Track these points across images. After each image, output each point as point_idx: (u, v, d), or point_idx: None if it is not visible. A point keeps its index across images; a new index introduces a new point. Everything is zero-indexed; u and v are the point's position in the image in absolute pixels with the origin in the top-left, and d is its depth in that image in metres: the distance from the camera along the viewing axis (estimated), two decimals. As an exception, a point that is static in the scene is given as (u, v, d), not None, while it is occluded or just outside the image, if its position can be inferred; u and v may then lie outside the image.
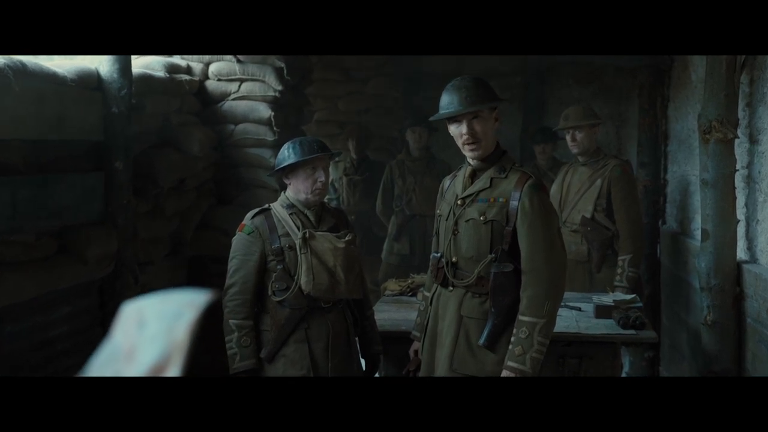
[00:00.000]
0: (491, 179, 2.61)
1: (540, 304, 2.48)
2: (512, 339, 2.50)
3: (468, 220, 2.62)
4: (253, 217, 2.87)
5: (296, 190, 2.88)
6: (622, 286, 4.20)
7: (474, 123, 2.56)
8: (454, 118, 2.59)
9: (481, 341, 2.56)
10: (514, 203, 2.54)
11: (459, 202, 2.66)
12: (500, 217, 2.56)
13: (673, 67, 5.01)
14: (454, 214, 2.67)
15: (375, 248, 6.09)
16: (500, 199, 2.57)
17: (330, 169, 2.97)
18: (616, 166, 4.41)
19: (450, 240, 2.67)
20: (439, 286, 2.74)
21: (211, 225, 4.31)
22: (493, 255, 2.57)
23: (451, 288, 2.67)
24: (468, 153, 2.63)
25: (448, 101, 2.60)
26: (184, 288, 0.74)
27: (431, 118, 2.73)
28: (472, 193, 2.63)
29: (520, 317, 2.50)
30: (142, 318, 0.72)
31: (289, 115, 4.68)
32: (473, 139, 2.57)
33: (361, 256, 5.95)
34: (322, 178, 2.85)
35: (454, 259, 2.66)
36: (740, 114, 3.34)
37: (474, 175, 2.67)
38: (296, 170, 2.85)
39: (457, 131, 2.60)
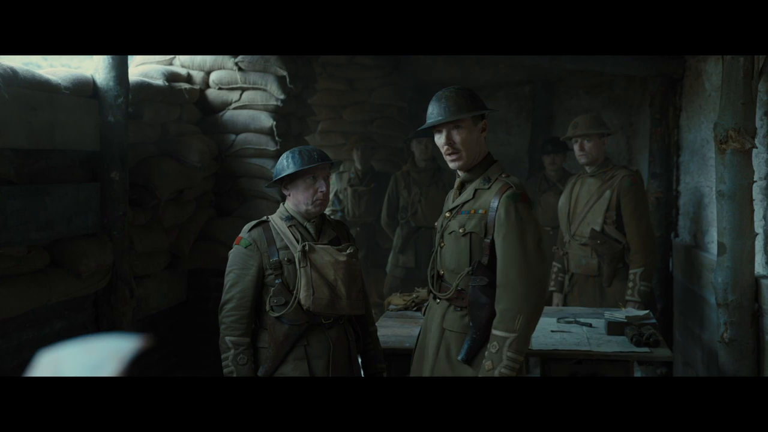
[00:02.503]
0: (475, 190, 2.57)
1: (511, 318, 2.41)
2: (486, 353, 2.44)
3: (451, 232, 2.59)
4: (250, 229, 2.77)
5: (296, 201, 2.77)
6: (634, 300, 4.10)
7: (453, 133, 2.53)
8: (438, 129, 2.56)
9: (460, 357, 2.52)
10: (491, 214, 2.49)
11: (447, 214, 2.64)
12: (479, 229, 2.51)
13: (685, 76, 4.90)
14: (441, 226, 2.66)
15: (380, 261, 5.99)
16: (480, 211, 2.53)
17: (334, 180, 2.89)
18: (625, 176, 4.31)
19: (436, 252, 2.67)
20: (430, 299, 2.72)
21: (210, 237, 4.21)
22: (470, 268, 2.52)
23: (437, 301, 2.65)
24: (450, 164, 2.61)
25: (430, 111, 2.58)
26: (117, 332, 0.64)
27: (418, 129, 2.71)
28: (458, 205, 2.60)
29: (493, 331, 2.45)
30: (57, 369, 0.62)
31: (291, 124, 4.59)
32: (452, 149, 2.54)
33: (366, 268, 5.82)
34: (323, 188, 2.75)
35: (441, 272, 2.64)
36: (758, 123, 3.23)
37: (462, 187, 2.65)
38: (296, 180, 2.75)
39: (440, 141, 2.57)
